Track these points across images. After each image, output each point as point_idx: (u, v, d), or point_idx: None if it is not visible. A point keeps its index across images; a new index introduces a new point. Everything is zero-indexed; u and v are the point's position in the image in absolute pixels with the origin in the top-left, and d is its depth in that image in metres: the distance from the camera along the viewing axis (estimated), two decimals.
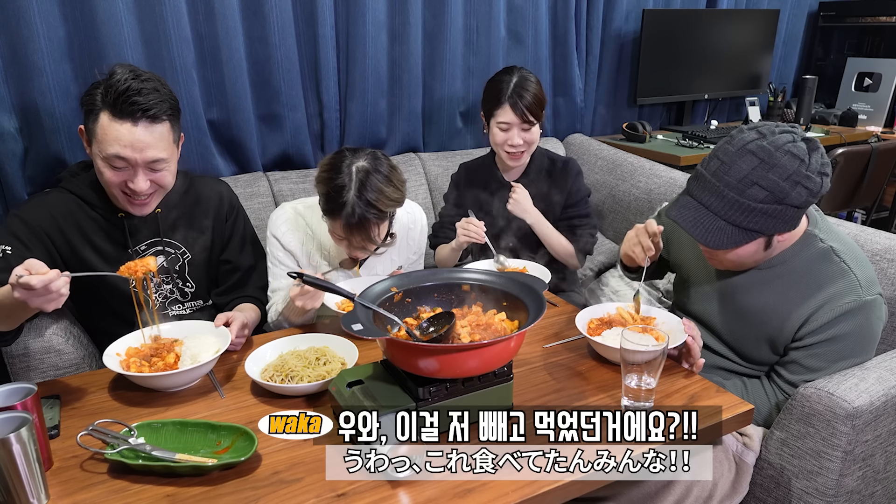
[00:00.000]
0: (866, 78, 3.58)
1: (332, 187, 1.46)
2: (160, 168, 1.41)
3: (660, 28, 3.05)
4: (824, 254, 1.33)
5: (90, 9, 1.85)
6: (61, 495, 1.00)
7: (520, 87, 1.88)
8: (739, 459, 1.34)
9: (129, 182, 1.39)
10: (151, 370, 1.27)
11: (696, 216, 1.28)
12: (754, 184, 1.21)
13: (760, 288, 1.37)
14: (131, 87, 1.32)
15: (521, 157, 1.97)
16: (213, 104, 2.16)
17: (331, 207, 1.48)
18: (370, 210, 1.45)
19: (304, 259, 1.70)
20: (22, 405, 1.02)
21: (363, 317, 1.07)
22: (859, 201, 3.13)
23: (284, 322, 1.63)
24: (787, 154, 1.21)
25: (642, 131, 3.02)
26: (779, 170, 1.20)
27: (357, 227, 1.47)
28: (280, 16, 2.13)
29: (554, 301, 1.70)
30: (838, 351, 1.31)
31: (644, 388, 1.17)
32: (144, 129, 1.35)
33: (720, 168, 1.25)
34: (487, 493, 0.99)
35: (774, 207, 1.22)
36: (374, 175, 1.47)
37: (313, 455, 1.08)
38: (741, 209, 1.23)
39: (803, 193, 1.21)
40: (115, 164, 1.37)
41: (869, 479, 1.32)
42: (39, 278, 1.10)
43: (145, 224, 1.54)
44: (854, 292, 1.29)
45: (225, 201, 1.68)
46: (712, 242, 1.27)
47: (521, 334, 1.09)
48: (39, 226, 1.45)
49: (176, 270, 1.60)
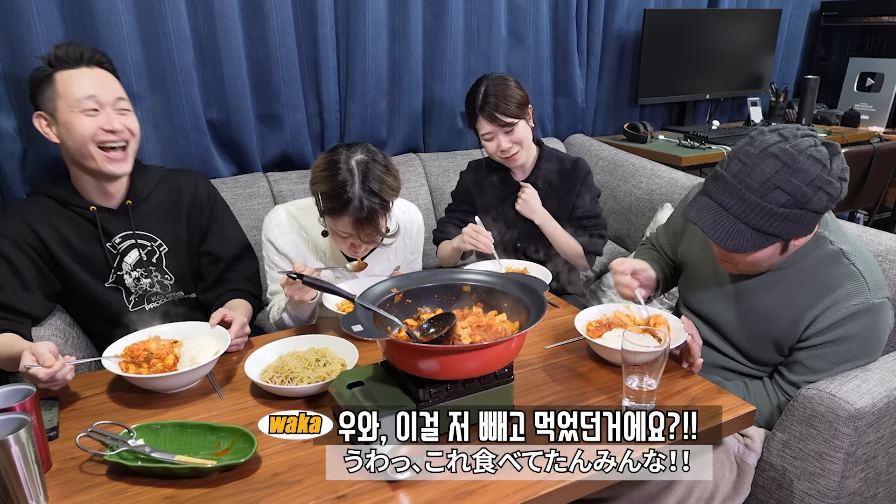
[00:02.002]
0: (868, 78, 3.58)
1: (336, 184, 1.45)
2: (126, 110, 1.49)
3: (661, 28, 3.05)
4: (834, 256, 1.32)
5: (89, 9, 1.85)
6: (60, 497, 1.00)
7: (488, 94, 1.88)
8: (741, 461, 1.33)
9: (104, 124, 1.44)
10: (150, 372, 1.26)
11: (715, 219, 1.27)
12: (777, 187, 1.20)
13: (769, 289, 1.37)
14: (73, 45, 1.45)
15: (518, 157, 1.96)
16: (213, 104, 2.15)
17: (335, 205, 1.46)
18: (376, 200, 1.46)
19: (300, 261, 1.68)
20: (21, 406, 1.02)
21: (363, 318, 1.07)
22: (861, 202, 3.12)
23: (288, 319, 1.63)
24: (809, 158, 1.19)
25: (643, 132, 3.01)
26: (802, 174, 1.19)
27: (366, 221, 1.47)
28: (280, 16, 2.13)
29: (554, 302, 1.70)
30: (843, 352, 1.30)
31: (645, 390, 1.17)
32: (98, 72, 1.46)
33: (742, 170, 1.23)
34: (488, 494, 0.99)
35: (795, 212, 1.21)
36: (374, 166, 1.48)
37: (313, 457, 1.08)
38: (762, 213, 1.22)
39: (824, 198, 1.20)
40: (87, 106, 1.42)
41: (871, 481, 1.32)
42: (45, 372, 1.17)
43: (117, 217, 1.55)
44: (862, 294, 1.28)
45: (201, 191, 1.67)
46: (731, 245, 1.25)
47: (522, 335, 1.09)
48: (18, 237, 1.46)
49: (153, 263, 1.61)
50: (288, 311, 1.62)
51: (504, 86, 1.90)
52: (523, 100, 1.91)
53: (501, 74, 1.95)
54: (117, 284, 1.57)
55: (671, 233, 1.66)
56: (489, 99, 1.88)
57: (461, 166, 2.56)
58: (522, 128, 1.92)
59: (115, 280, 1.57)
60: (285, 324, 1.65)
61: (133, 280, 1.58)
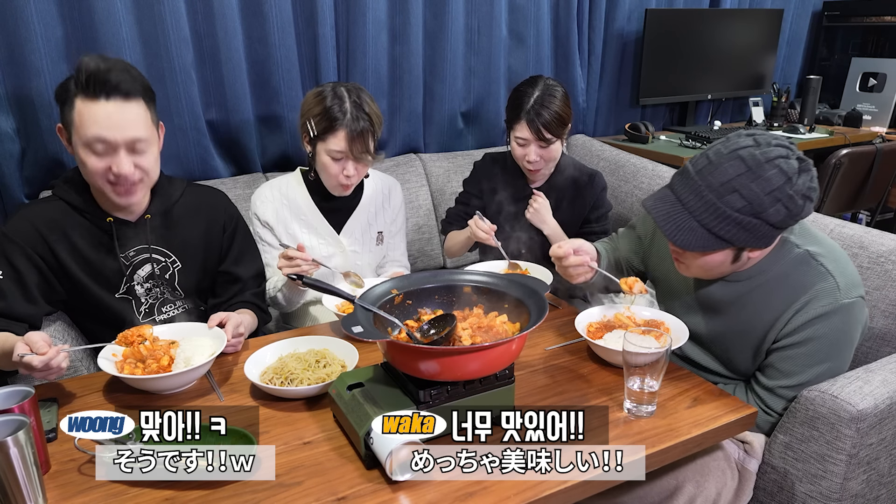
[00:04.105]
0: (871, 78, 3.57)
1: (330, 103, 1.64)
2: (142, 150, 1.38)
3: (662, 28, 3.04)
4: (802, 258, 1.30)
5: (88, 8, 1.85)
6: (59, 499, 1.00)
7: (540, 102, 1.82)
8: (742, 467, 1.32)
9: (113, 166, 1.36)
10: (145, 373, 1.26)
11: (670, 211, 1.26)
12: (735, 190, 1.18)
13: (742, 299, 1.35)
14: (99, 68, 1.32)
15: (540, 174, 1.95)
16: (213, 105, 2.15)
17: (330, 123, 1.63)
18: (366, 118, 1.65)
19: (281, 228, 1.80)
20: (19, 408, 1.01)
21: (363, 319, 1.06)
22: (864, 202, 3.11)
23: (282, 299, 1.74)
24: (775, 168, 1.17)
25: (645, 132, 3.01)
26: (763, 182, 1.17)
27: (359, 136, 1.64)
28: (280, 15, 2.12)
29: (555, 303, 1.69)
30: (812, 353, 1.29)
31: (647, 391, 1.16)
32: (119, 107, 1.33)
33: (706, 167, 1.23)
34: (489, 496, 0.98)
35: (750, 220, 1.19)
36: (361, 92, 1.69)
37: (313, 458, 1.08)
38: (716, 214, 1.20)
39: (782, 212, 1.18)
40: (96, 147, 1.34)
41: (874, 483, 1.31)
42: (40, 359, 1.16)
43: (134, 230, 1.50)
44: (831, 295, 1.26)
45: (223, 212, 1.64)
46: (680, 241, 1.24)
47: (523, 337, 1.08)
48: (26, 242, 1.42)
49: (165, 279, 1.56)
50: (283, 291, 1.72)
51: (560, 99, 1.84)
52: (568, 118, 1.87)
53: (557, 83, 1.88)
54: (128, 294, 1.53)
55: (635, 238, 1.64)
56: (538, 109, 1.81)
57: (462, 167, 2.55)
58: (557, 147, 1.89)
59: (126, 290, 1.53)
60: (278, 302, 1.75)
61: (144, 290, 1.54)
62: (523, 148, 1.89)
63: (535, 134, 1.83)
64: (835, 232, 1.66)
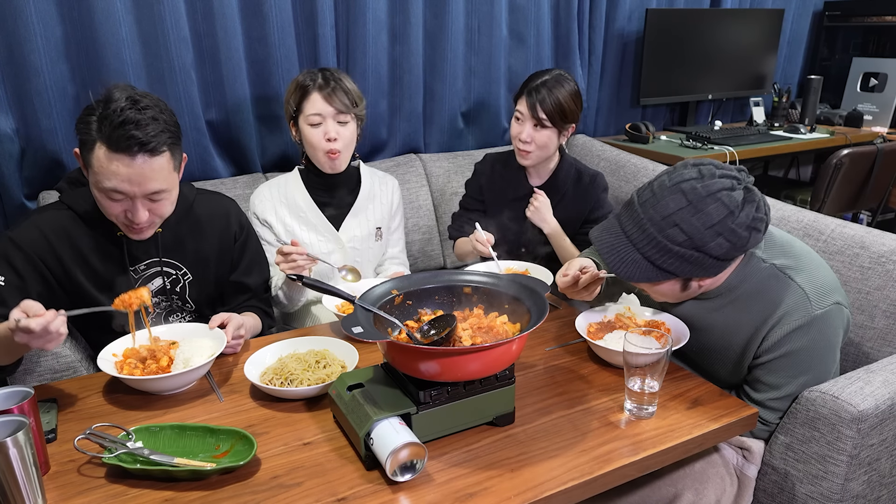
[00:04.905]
0: (872, 78, 3.57)
1: (302, 78, 1.76)
2: (159, 198, 1.34)
3: (663, 28, 3.04)
4: (770, 273, 1.29)
5: (88, 8, 1.84)
6: (58, 500, 0.99)
7: (545, 85, 1.87)
8: (741, 473, 1.32)
9: (128, 212, 1.33)
10: (145, 373, 1.26)
11: (614, 243, 1.25)
12: (675, 225, 1.17)
13: (714, 316, 1.35)
14: (128, 119, 1.23)
15: (529, 157, 1.94)
16: (212, 105, 2.15)
17: (303, 93, 1.74)
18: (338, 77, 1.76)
19: (280, 226, 1.82)
20: (19, 409, 1.01)
21: (363, 319, 1.06)
22: (864, 203, 3.11)
23: (283, 297, 1.75)
24: (717, 202, 1.16)
25: (645, 132, 3.00)
26: (703, 217, 1.16)
27: (332, 93, 1.73)
28: (280, 15, 2.12)
29: (555, 303, 1.69)
30: (795, 365, 1.28)
31: (647, 392, 1.16)
32: (143, 163, 1.27)
33: (650, 200, 1.22)
34: (489, 496, 0.98)
35: (692, 253, 1.18)
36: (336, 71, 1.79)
37: (313, 459, 1.07)
38: (658, 247, 1.20)
39: (724, 245, 1.17)
40: (113, 196, 1.30)
41: (875, 484, 1.31)
42: (38, 321, 1.11)
43: (145, 245, 1.47)
44: (802, 308, 1.25)
45: (233, 222, 1.60)
46: (623, 273, 1.24)
47: (524, 337, 1.08)
48: (33, 250, 1.39)
49: (176, 292, 1.54)
50: (283, 289, 1.74)
51: (563, 88, 1.88)
52: (569, 111, 1.89)
53: (572, 79, 1.93)
54: None
55: None
56: (542, 89, 1.87)
57: (462, 167, 2.55)
58: (550, 135, 1.90)
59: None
60: (280, 301, 1.77)
61: (153, 303, 1.51)
62: (519, 125, 1.92)
63: (531, 110, 1.87)
64: (835, 232, 1.66)
